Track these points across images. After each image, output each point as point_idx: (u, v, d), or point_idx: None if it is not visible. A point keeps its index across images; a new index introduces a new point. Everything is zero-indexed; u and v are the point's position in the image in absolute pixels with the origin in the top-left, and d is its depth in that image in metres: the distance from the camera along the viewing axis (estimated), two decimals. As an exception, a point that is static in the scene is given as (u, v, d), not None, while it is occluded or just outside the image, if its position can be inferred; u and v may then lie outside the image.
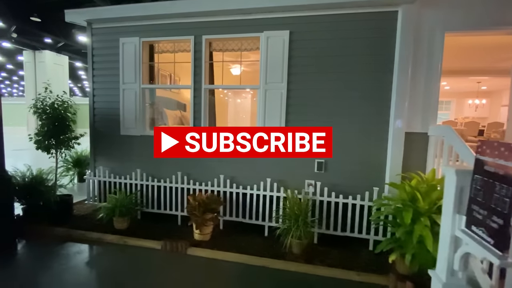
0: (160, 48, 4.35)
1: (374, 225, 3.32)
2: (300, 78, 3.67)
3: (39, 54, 20.63)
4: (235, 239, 3.64)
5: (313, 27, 3.58)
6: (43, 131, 3.86)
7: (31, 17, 15.21)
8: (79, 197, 5.00)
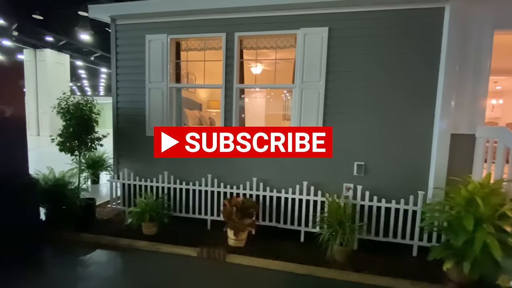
0: (187, 45, 4.18)
1: (426, 230, 3.17)
2: (339, 77, 3.53)
3: (40, 52, 20.30)
4: (271, 245, 3.49)
5: (354, 24, 3.43)
6: (69, 132, 3.67)
7: (33, 14, 14.92)
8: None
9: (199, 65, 4.29)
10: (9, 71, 3.31)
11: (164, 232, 3.73)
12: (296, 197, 3.65)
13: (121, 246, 3.45)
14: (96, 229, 3.80)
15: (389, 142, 3.48)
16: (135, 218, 3.59)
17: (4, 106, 3.27)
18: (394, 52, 3.38)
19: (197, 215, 4.03)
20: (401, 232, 3.36)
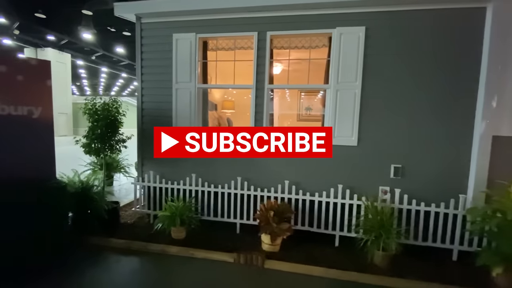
0: (214, 45, 4.07)
1: (474, 235, 3.09)
2: (376, 77, 3.44)
3: (41, 51, 20.06)
4: (306, 250, 3.40)
5: (392, 23, 3.35)
6: (97, 134, 3.55)
7: (36, 13, 14.70)
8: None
9: (215, 66, 4.21)
10: (37, 70, 3.19)
11: (193, 237, 3.63)
12: (330, 200, 3.57)
13: (153, 252, 3.34)
14: (123, 233, 3.69)
15: (427, 144, 3.40)
16: (166, 222, 3.48)
17: (32, 107, 3.15)
18: (433, 52, 3.30)
19: (225, 218, 3.92)
20: (441, 236, 3.29)
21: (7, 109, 3.00)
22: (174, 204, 3.62)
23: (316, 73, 4.04)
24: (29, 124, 3.16)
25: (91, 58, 22.52)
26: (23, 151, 3.15)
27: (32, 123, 3.17)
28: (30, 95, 3.16)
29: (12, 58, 3.11)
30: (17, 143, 3.10)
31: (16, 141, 3.09)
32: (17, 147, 3.10)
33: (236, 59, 4.10)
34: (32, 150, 3.21)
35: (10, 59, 3.08)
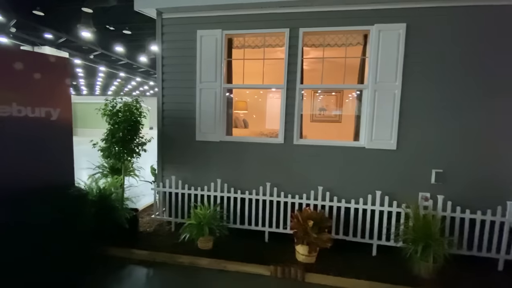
0: (239, 42, 3.85)
1: None
2: (417, 78, 3.25)
3: (38, 50, 19.55)
4: (343, 260, 3.19)
5: (436, 20, 3.16)
6: (118, 137, 3.30)
7: (34, 10, 14.29)
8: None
9: (239, 64, 3.99)
10: (55, 68, 2.92)
11: (220, 247, 3.40)
12: (368, 207, 3.37)
13: (181, 264, 3.10)
14: (146, 244, 3.45)
15: (471, 148, 3.22)
16: (194, 232, 3.25)
17: (50, 108, 2.89)
18: (479, 52, 3.12)
19: (253, 226, 3.70)
20: (487, 245, 3.11)
21: (24, 111, 2.73)
22: (201, 212, 3.39)
23: (334, 73, 3.84)
24: (47, 127, 2.90)
25: (89, 57, 22.06)
26: (41, 157, 2.88)
27: (51, 126, 2.91)
28: (48, 95, 2.90)
29: (29, 55, 2.84)
30: (35, 148, 2.83)
31: (34, 146, 2.83)
32: (35, 152, 2.84)
33: (259, 57, 3.88)
34: (51, 156, 2.95)
35: (27, 55, 2.82)
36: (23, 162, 2.76)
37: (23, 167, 2.76)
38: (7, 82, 2.64)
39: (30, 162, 2.80)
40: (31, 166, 2.82)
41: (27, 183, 2.75)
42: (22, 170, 2.75)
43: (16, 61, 2.67)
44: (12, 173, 2.67)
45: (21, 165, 2.75)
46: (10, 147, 2.68)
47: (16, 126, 2.69)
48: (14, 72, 2.67)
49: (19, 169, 2.73)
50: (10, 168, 2.66)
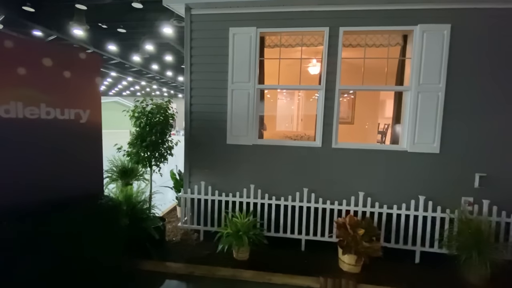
0: (272, 41, 3.67)
1: None
2: (462, 80, 3.18)
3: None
4: (389, 268, 3.06)
5: (480, 22, 3.10)
6: (149, 141, 3.05)
7: (24, 6, 13.62)
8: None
9: (271, 64, 3.82)
10: (86, 65, 2.66)
11: (257, 257, 3.21)
12: (411, 213, 3.26)
13: (222, 278, 2.89)
14: (178, 255, 3.22)
15: (510, 152, 3.18)
16: (234, 242, 3.04)
17: (80, 110, 2.63)
18: (523, 53, 3.08)
19: (289, 234, 3.53)
20: (534, 250, 3.06)
21: (53, 113, 2.46)
22: (238, 221, 3.19)
23: (350, 74, 3.73)
24: (77, 130, 2.63)
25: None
26: (70, 163, 2.62)
27: (80, 129, 2.64)
28: (78, 95, 2.63)
29: (59, 49, 2.56)
30: (63, 153, 2.57)
31: (63, 151, 2.56)
32: (64, 158, 2.57)
33: (286, 57, 3.73)
34: (80, 161, 2.68)
35: (56, 50, 2.54)
36: (51, 170, 2.49)
37: (51, 175, 2.49)
38: (36, 80, 2.37)
39: (58, 170, 2.53)
40: (60, 174, 2.55)
41: (56, 193, 2.48)
42: (50, 178, 2.48)
43: (44, 57, 2.40)
44: (40, 181, 2.41)
45: (49, 173, 2.48)
46: (39, 154, 2.41)
47: (45, 129, 2.42)
48: (43, 69, 2.40)
49: (48, 177, 2.46)
50: (39, 176, 2.39)
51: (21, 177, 2.33)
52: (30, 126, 2.33)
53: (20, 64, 2.27)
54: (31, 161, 2.36)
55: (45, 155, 2.45)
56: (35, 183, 2.37)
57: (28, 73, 2.31)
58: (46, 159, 2.45)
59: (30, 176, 2.36)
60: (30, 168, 2.36)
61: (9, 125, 2.22)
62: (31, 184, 2.35)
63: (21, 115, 2.28)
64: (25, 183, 2.34)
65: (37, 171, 2.40)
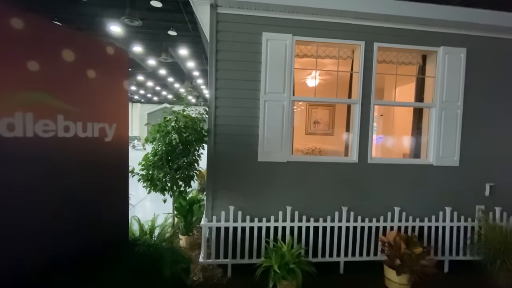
0: (301, 51, 3.45)
1: None
2: (475, 99, 3.50)
3: None
4: (431, 282, 3.09)
5: (491, 48, 3.48)
6: (183, 163, 2.43)
7: None
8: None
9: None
10: (113, 63, 1.98)
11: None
12: (439, 224, 3.40)
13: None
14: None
15: (512, 163, 3.63)
16: (289, 276, 2.62)
17: (105, 124, 1.93)
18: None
19: (327, 258, 3.27)
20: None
21: (72, 128, 1.72)
22: (285, 250, 2.79)
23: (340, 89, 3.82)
24: (101, 152, 1.90)
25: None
26: (94, 196, 1.88)
27: (104, 151, 1.93)
28: (103, 103, 1.93)
29: (83, 39, 1.82)
30: (85, 186, 1.82)
31: (84, 183, 1.81)
32: (86, 191, 1.82)
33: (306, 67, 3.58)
34: (104, 194, 1.95)
35: (80, 40, 1.79)
36: (72, 208, 1.73)
37: (70, 222, 1.73)
38: (52, 80, 1.62)
39: (80, 207, 1.78)
40: (81, 218, 1.79)
41: (80, 240, 1.73)
42: (70, 227, 1.72)
43: (65, 47, 1.67)
44: (59, 226, 1.64)
45: (69, 220, 1.72)
46: (57, 187, 1.65)
47: (61, 153, 1.67)
48: (63, 66, 1.67)
49: (66, 227, 1.69)
50: (53, 227, 1.63)
51: (31, 233, 1.54)
52: (41, 149, 1.56)
53: (32, 56, 1.51)
54: (42, 207, 1.59)
55: (62, 189, 1.69)
56: (50, 229, 1.60)
57: (43, 70, 1.56)
58: (61, 200, 1.69)
59: (41, 229, 1.58)
60: (40, 218, 1.58)
61: (13, 149, 1.44)
62: (41, 241, 1.58)
63: (31, 133, 1.51)
64: (35, 240, 1.56)
65: (51, 220, 1.63)
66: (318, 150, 4.98)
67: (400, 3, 3.18)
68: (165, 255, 1.98)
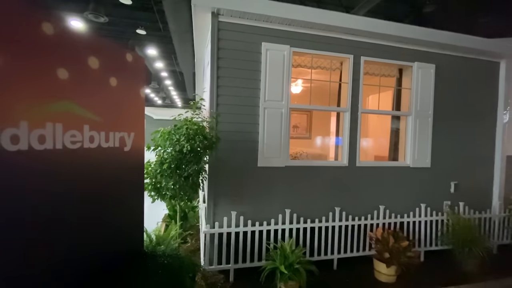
0: (296, 61, 3.63)
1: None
2: (441, 108, 4.02)
3: None
4: (418, 271, 3.46)
5: (449, 65, 4.03)
6: (192, 170, 2.42)
7: None
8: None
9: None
10: (132, 71, 1.93)
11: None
12: (416, 219, 3.83)
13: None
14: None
15: (470, 164, 4.22)
16: (295, 277, 2.75)
17: (125, 133, 1.88)
18: (471, 92, 4.19)
19: (322, 256, 3.48)
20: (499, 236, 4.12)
21: (97, 138, 1.66)
22: (288, 251, 2.92)
23: (321, 97, 4.20)
24: (120, 162, 1.85)
25: None
26: (115, 207, 1.81)
27: (124, 160, 1.87)
28: (123, 112, 1.87)
29: (106, 46, 1.75)
30: (107, 196, 1.75)
31: (106, 194, 1.75)
32: (108, 202, 1.76)
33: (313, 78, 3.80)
34: (123, 205, 1.88)
35: (104, 47, 1.71)
36: (94, 220, 1.67)
37: (96, 228, 1.66)
38: (80, 89, 1.55)
39: (99, 219, 1.72)
40: (100, 230, 1.73)
41: (102, 251, 1.67)
42: (95, 232, 1.65)
43: (91, 55, 1.61)
44: (83, 237, 1.58)
45: (94, 226, 1.65)
46: (84, 198, 1.58)
47: (89, 164, 1.61)
48: (89, 74, 1.61)
49: (88, 240, 1.62)
50: (75, 241, 1.56)
51: (58, 246, 1.45)
52: (69, 161, 1.49)
53: (61, 63, 1.44)
54: (70, 210, 1.52)
55: (87, 200, 1.62)
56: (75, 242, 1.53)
57: (72, 78, 1.49)
58: (87, 206, 1.62)
59: (69, 239, 1.50)
60: (65, 234, 1.50)
61: (44, 162, 1.35)
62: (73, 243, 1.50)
63: (60, 145, 1.44)
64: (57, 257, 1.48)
65: (76, 226, 1.55)
66: (305, 154, 5.24)
67: (383, 22, 3.56)
68: (187, 265, 1.97)
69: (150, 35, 10.94)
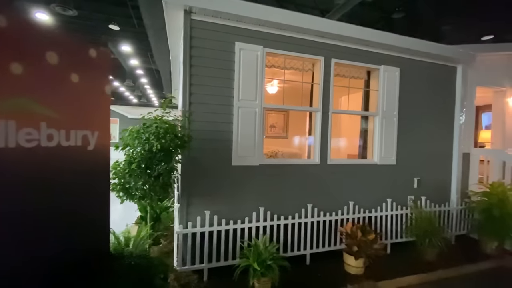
0: (269, 62, 3.69)
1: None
2: (404, 109, 4.28)
3: None
4: (377, 263, 3.67)
5: (412, 68, 4.31)
6: (163, 169, 2.39)
7: None
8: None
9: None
10: (96, 67, 1.87)
11: (280, 284, 3.09)
12: (383, 214, 4.05)
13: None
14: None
15: (431, 161, 4.55)
16: (268, 274, 2.80)
17: (87, 132, 1.83)
18: (432, 94, 4.51)
19: (295, 252, 3.57)
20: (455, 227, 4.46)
21: (56, 137, 1.59)
22: (261, 248, 2.96)
23: (295, 97, 4.37)
24: (83, 162, 1.79)
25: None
26: (76, 210, 1.74)
27: (87, 160, 1.81)
28: (86, 109, 1.81)
29: (67, 41, 1.67)
30: (67, 197, 1.69)
31: (67, 194, 1.68)
32: (68, 203, 1.69)
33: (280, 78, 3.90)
34: (87, 206, 1.82)
35: (64, 42, 1.63)
36: (55, 223, 1.61)
37: (54, 240, 1.60)
38: (36, 85, 1.49)
39: (62, 221, 1.66)
40: (63, 234, 1.67)
41: (66, 252, 1.61)
42: (55, 245, 1.59)
43: (49, 49, 1.54)
44: (43, 237, 1.52)
45: (53, 228, 1.59)
46: (42, 198, 1.51)
47: (43, 166, 1.55)
48: (47, 69, 1.54)
49: (49, 244, 1.56)
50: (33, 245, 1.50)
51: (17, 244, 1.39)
52: (23, 162, 1.42)
53: (15, 58, 1.37)
54: (27, 213, 1.46)
55: (45, 202, 1.55)
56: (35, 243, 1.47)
57: (26, 73, 1.42)
58: (47, 208, 1.55)
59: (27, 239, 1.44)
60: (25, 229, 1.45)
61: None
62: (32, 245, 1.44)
63: (13, 143, 1.37)
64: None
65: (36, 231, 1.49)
66: (281, 153, 5.35)
67: (352, 26, 3.73)
68: (157, 265, 1.94)
69: (124, 31, 10.55)
